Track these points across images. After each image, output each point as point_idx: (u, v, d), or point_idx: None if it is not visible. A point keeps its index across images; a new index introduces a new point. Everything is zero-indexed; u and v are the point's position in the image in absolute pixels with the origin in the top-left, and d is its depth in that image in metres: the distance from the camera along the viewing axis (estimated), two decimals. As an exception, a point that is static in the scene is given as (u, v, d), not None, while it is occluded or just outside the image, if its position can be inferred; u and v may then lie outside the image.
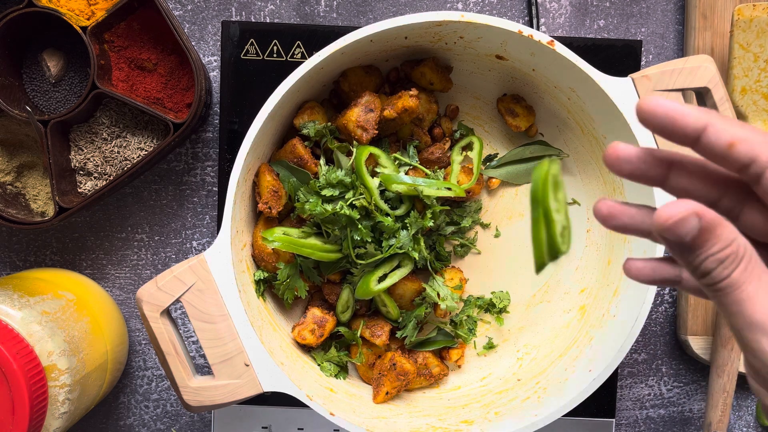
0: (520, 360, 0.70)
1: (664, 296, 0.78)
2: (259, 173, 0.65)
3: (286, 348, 0.65)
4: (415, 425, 0.63)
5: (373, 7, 0.77)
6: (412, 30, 0.61)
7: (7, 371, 0.58)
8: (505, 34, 0.60)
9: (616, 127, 0.62)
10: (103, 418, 0.79)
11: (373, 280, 0.64)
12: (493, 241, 0.72)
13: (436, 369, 0.70)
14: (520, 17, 0.78)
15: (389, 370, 0.67)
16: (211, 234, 0.78)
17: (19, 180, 0.73)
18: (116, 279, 0.78)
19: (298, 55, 0.72)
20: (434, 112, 0.70)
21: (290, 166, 0.66)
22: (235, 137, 0.72)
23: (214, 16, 0.77)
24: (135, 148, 0.72)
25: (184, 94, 0.72)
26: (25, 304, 0.64)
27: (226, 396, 0.59)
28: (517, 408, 0.64)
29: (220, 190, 0.74)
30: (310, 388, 0.62)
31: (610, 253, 0.69)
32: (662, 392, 0.79)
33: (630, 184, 0.64)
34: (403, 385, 0.67)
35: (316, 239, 0.65)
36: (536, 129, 0.71)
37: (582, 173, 0.71)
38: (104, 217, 0.78)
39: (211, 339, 0.59)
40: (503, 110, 0.70)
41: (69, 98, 0.72)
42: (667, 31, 0.78)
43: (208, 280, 0.59)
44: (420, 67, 0.67)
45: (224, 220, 0.60)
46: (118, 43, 0.71)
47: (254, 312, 0.62)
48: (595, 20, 0.78)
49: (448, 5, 0.78)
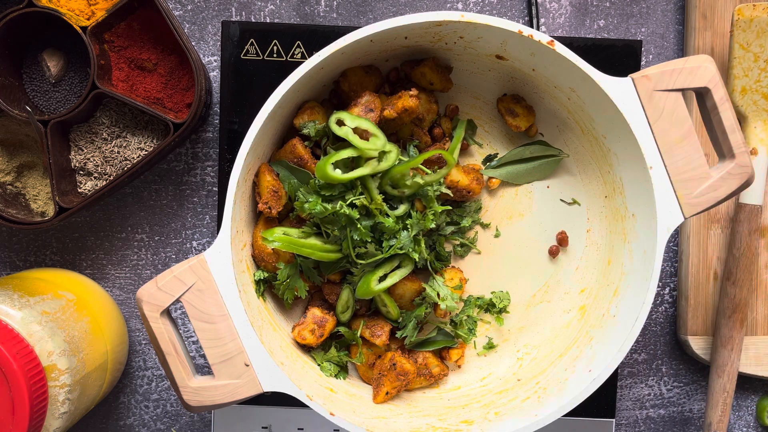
0: (520, 360, 0.71)
1: (664, 296, 0.79)
2: (259, 173, 0.65)
3: (286, 348, 0.65)
4: (415, 425, 0.63)
5: (373, 7, 0.77)
6: (412, 30, 0.61)
7: (7, 371, 0.58)
8: (505, 34, 0.60)
9: (616, 127, 0.62)
10: (103, 418, 0.79)
11: (374, 279, 0.64)
12: (493, 241, 0.72)
13: (436, 369, 0.70)
14: (520, 17, 0.78)
15: (389, 370, 0.67)
16: (211, 234, 0.78)
17: (19, 180, 0.73)
18: (116, 279, 0.78)
19: (298, 55, 0.72)
20: (434, 112, 0.70)
21: (290, 166, 0.65)
22: (235, 137, 0.72)
23: (214, 16, 0.77)
24: (135, 148, 0.72)
25: (184, 94, 0.72)
26: (25, 304, 0.64)
27: (226, 396, 0.59)
28: (517, 408, 0.64)
29: (220, 190, 0.74)
30: (310, 388, 0.62)
31: (610, 253, 0.69)
32: (662, 392, 0.79)
33: (630, 185, 0.64)
34: (403, 385, 0.67)
35: (316, 239, 0.65)
36: (536, 129, 0.72)
37: (582, 173, 0.71)
38: (104, 217, 0.78)
39: (211, 339, 0.59)
40: (503, 110, 0.70)
41: (69, 98, 0.72)
42: (667, 31, 0.78)
43: (208, 280, 0.59)
44: (420, 67, 0.67)
45: (224, 220, 0.60)
46: (118, 43, 0.71)
47: (254, 312, 0.62)
48: (595, 20, 0.78)
49: (448, 5, 0.78)
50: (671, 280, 0.78)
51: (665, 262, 0.78)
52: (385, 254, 0.64)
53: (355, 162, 0.65)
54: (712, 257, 0.75)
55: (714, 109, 0.60)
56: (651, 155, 0.60)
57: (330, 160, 0.62)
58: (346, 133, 0.63)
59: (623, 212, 0.66)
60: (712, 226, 0.75)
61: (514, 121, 0.70)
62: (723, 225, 0.75)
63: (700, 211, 0.61)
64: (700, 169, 0.60)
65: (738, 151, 0.60)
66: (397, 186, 0.66)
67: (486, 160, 0.72)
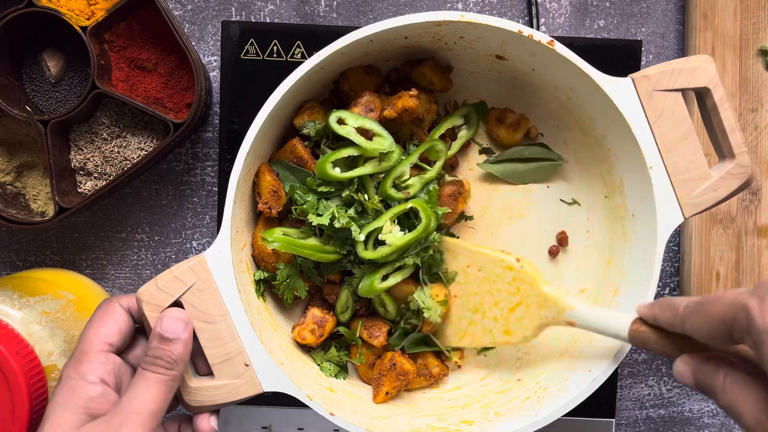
0: (519, 360, 0.70)
1: (664, 296, 0.78)
2: (259, 173, 0.65)
3: (286, 348, 0.65)
4: (415, 425, 0.63)
5: (373, 7, 0.78)
6: (412, 30, 0.61)
7: (7, 371, 0.58)
8: (505, 34, 0.60)
9: (616, 127, 0.62)
10: (103, 418, 0.79)
11: (377, 278, 0.64)
12: (493, 241, 0.72)
13: (436, 369, 0.70)
14: (520, 17, 0.78)
15: (389, 370, 0.67)
16: (211, 234, 0.78)
17: (19, 180, 0.73)
18: (116, 279, 0.78)
19: (298, 55, 0.72)
20: (434, 112, 0.70)
21: (290, 165, 0.65)
22: (235, 137, 0.72)
23: (214, 16, 0.77)
24: (135, 148, 0.72)
25: (184, 94, 0.72)
26: (25, 304, 0.64)
27: (226, 396, 0.59)
28: (517, 408, 0.64)
29: (220, 190, 0.74)
30: (310, 388, 0.62)
31: (610, 253, 0.69)
32: (662, 392, 0.79)
33: (630, 185, 0.64)
34: (403, 385, 0.67)
35: (316, 240, 0.65)
36: (537, 130, 0.71)
37: (582, 173, 0.71)
38: (104, 217, 0.78)
39: (211, 339, 0.59)
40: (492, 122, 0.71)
41: (69, 98, 0.72)
42: (667, 31, 0.78)
43: (208, 280, 0.59)
44: (420, 68, 0.67)
45: (224, 220, 0.60)
46: (118, 43, 0.71)
47: (254, 312, 0.62)
48: (595, 20, 0.78)
49: (448, 5, 0.78)
50: (671, 280, 0.78)
51: (665, 262, 0.78)
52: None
53: (354, 161, 0.65)
54: (714, 257, 0.75)
55: (714, 109, 0.60)
56: (651, 155, 0.60)
57: (330, 159, 0.62)
58: (348, 133, 0.63)
59: (623, 212, 0.66)
60: (714, 226, 0.75)
61: (498, 135, 0.70)
62: (725, 225, 0.75)
63: (700, 211, 0.61)
64: (700, 169, 0.60)
65: (738, 151, 0.60)
66: (399, 188, 0.66)
67: (483, 152, 0.72)
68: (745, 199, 0.75)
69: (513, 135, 0.70)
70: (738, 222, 0.75)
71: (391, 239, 0.63)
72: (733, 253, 0.75)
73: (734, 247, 0.75)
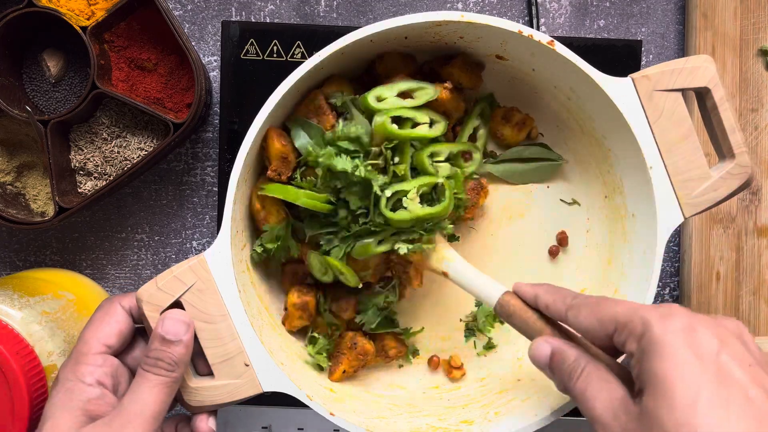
0: (519, 360, 0.70)
1: (665, 296, 0.78)
2: (267, 138, 0.63)
3: (286, 348, 0.65)
4: (415, 425, 0.64)
5: (373, 7, 0.78)
6: (412, 30, 0.61)
7: (7, 371, 0.58)
8: (505, 34, 0.60)
9: (616, 127, 0.62)
10: (103, 418, 0.79)
11: (374, 242, 0.63)
12: (493, 241, 0.72)
13: (393, 351, 0.70)
14: (520, 17, 0.78)
15: (349, 348, 0.67)
16: (211, 234, 0.78)
17: (19, 180, 0.73)
18: (116, 279, 0.78)
19: (298, 55, 0.72)
20: (461, 110, 0.69)
21: (305, 122, 0.64)
22: (235, 137, 0.72)
23: (214, 16, 0.77)
24: (135, 148, 0.72)
25: (184, 94, 0.72)
26: (25, 304, 0.64)
27: (226, 396, 0.59)
28: (517, 408, 0.64)
29: (220, 190, 0.74)
30: (310, 388, 0.62)
31: (610, 253, 0.69)
32: (662, 392, 0.79)
33: (630, 185, 0.64)
34: (360, 365, 0.68)
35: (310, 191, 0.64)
36: (537, 130, 0.71)
37: (582, 173, 0.71)
38: (104, 217, 0.78)
39: (211, 339, 0.59)
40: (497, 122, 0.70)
41: (69, 98, 0.72)
42: (667, 31, 0.78)
43: (208, 280, 0.59)
44: (448, 67, 0.66)
45: (224, 220, 0.60)
46: (118, 43, 0.71)
47: (254, 312, 0.62)
48: (595, 20, 0.78)
49: (448, 5, 0.78)
50: (671, 280, 0.78)
51: (665, 262, 0.78)
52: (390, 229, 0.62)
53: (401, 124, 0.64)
54: (714, 257, 0.75)
55: (714, 109, 0.60)
56: (651, 155, 0.60)
57: (389, 114, 0.62)
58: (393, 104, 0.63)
59: (623, 212, 0.66)
60: (714, 226, 0.75)
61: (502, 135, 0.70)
62: (725, 225, 0.75)
63: (700, 211, 0.61)
64: (700, 169, 0.60)
65: (738, 151, 0.60)
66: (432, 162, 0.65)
67: (484, 155, 0.72)
68: (745, 199, 0.75)
69: (518, 134, 0.70)
70: (738, 222, 0.75)
71: (413, 206, 0.62)
72: (733, 253, 0.75)
73: (734, 247, 0.75)
